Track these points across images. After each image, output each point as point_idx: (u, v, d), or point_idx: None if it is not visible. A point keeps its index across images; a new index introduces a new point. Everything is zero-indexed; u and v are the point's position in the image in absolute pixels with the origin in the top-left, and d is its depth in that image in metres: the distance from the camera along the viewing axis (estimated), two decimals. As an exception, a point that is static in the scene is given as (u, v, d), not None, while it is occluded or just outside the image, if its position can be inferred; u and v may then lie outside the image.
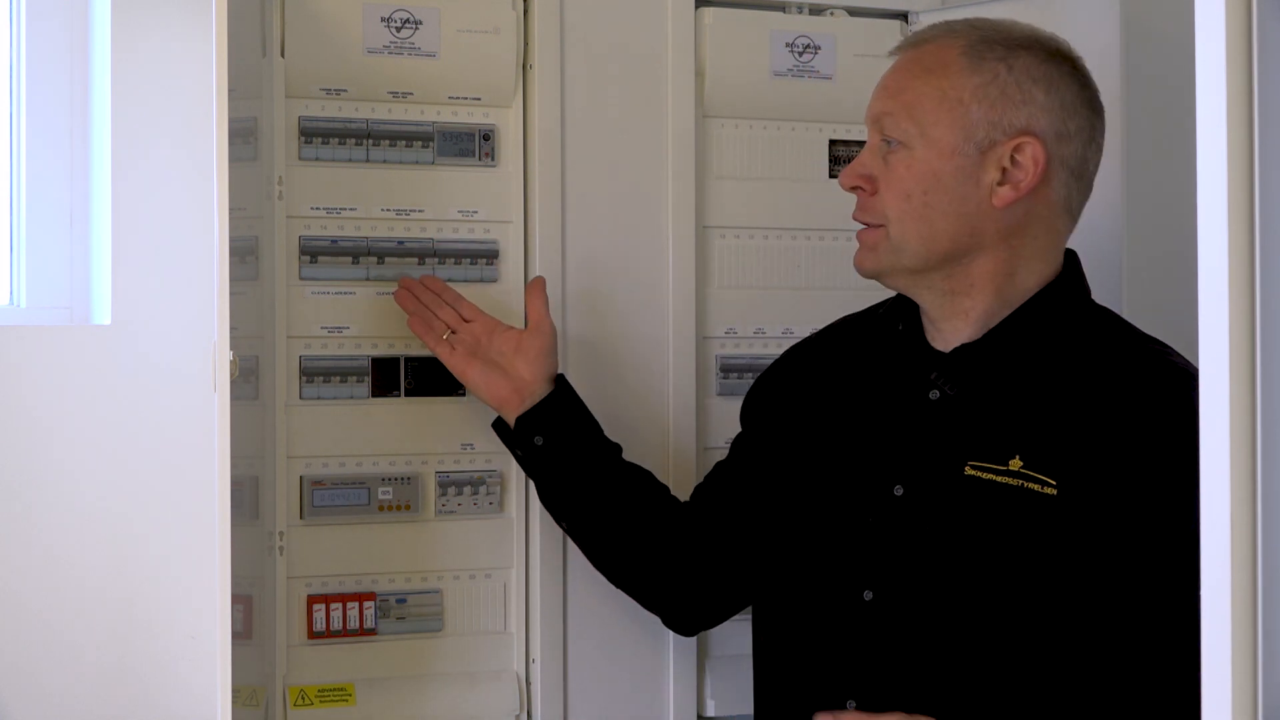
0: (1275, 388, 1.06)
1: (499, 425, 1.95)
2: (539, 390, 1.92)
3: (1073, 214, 1.74)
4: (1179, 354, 1.70)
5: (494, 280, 2.02)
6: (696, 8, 2.11)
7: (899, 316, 1.79)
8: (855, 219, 1.74)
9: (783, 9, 2.16)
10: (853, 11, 2.17)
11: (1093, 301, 1.76)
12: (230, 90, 1.62)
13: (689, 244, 2.09)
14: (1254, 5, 1.06)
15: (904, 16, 2.20)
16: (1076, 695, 1.62)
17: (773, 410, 1.89)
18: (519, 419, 1.91)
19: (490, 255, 2.02)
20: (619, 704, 2.05)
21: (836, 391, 1.81)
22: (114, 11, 1.65)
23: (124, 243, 1.65)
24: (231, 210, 1.63)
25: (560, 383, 1.93)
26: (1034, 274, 1.72)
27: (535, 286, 1.97)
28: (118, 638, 1.61)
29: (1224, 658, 1.06)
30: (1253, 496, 1.06)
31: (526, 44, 2.03)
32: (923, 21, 2.18)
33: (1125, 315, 2.01)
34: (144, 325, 1.65)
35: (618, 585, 1.97)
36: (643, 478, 1.95)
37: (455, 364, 1.93)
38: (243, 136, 1.92)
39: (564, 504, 1.93)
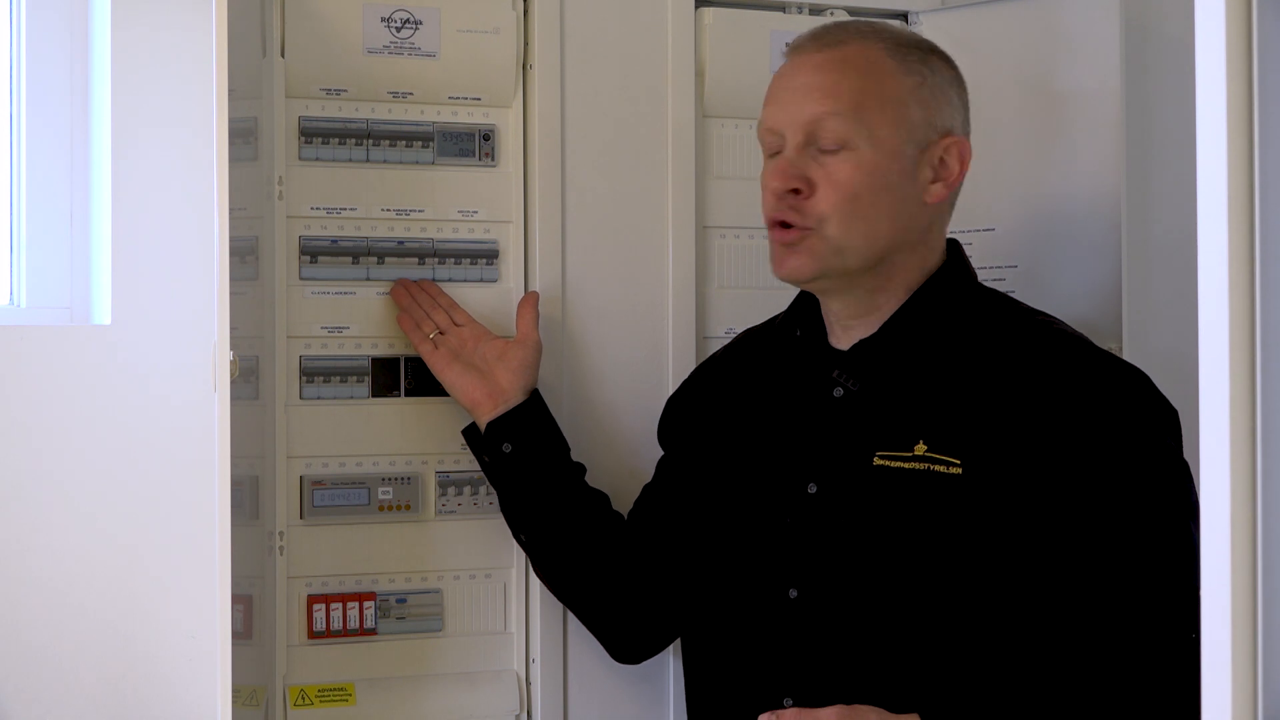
0: (1275, 388, 1.06)
1: (469, 432, 1.95)
2: (514, 399, 1.92)
3: (954, 206, 1.81)
4: (1066, 324, 1.77)
5: (494, 280, 2.02)
6: (696, 8, 2.11)
7: (796, 323, 1.82)
8: (786, 221, 1.72)
9: (783, 9, 2.16)
10: (852, 11, 2.17)
11: (980, 285, 1.81)
12: (230, 90, 1.62)
13: (689, 244, 2.09)
14: (1254, 5, 1.06)
15: (904, 16, 2.20)
16: (1003, 667, 1.64)
17: (686, 428, 1.92)
18: (490, 424, 1.92)
19: (490, 255, 2.02)
20: (619, 704, 2.05)
21: (745, 401, 1.84)
22: (114, 11, 1.65)
23: (124, 243, 1.65)
24: (231, 210, 1.63)
25: (535, 396, 1.94)
26: (931, 266, 1.77)
27: (527, 301, 1.98)
28: (118, 637, 1.61)
29: (1224, 658, 1.06)
30: (1253, 496, 1.06)
31: (526, 44, 2.03)
32: (923, 21, 2.18)
33: (1125, 314, 2.02)
34: (144, 325, 1.65)
35: (566, 605, 1.98)
36: (600, 503, 1.96)
37: (435, 362, 1.94)
38: (243, 136, 1.92)
39: (524, 517, 1.94)
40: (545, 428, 1.94)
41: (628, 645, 1.97)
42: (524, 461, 1.91)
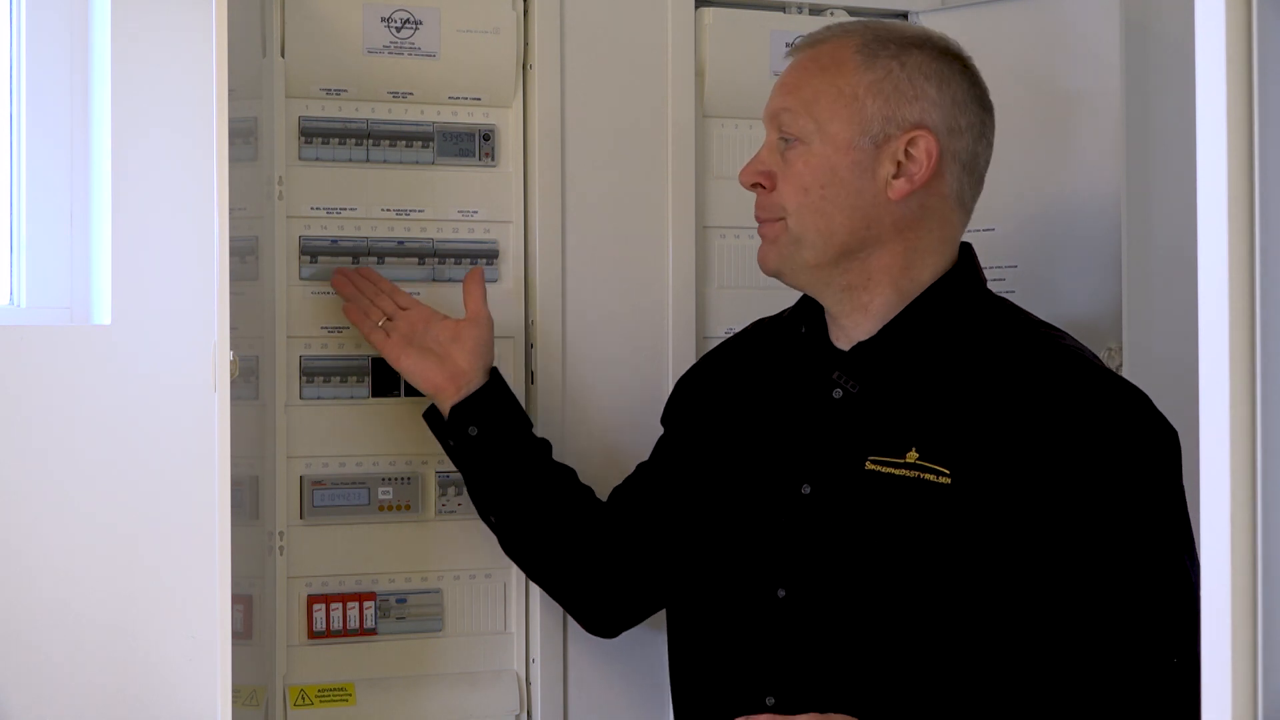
0: (1275, 388, 1.06)
1: (431, 416, 1.93)
2: (475, 380, 1.90)
3: (965, 207, 1.78)
4: (1072, 337, 1.76)
5: (494, 280, 2.02)
6: (696, 8, 2.11)
7: (802, 319, 1.83)
8: (756, 216, 1.78)
9: (783, 9, 2.16)
10: (853, 11, 2.17)
11: (989, 292, 1.80)
12: (230, 90, 1.62)
13: (689, 244, 2.09)
14: (1254, 5, 1.06)
15: (903, 16, 2.20)
16: (986, 678, 1.64)
17: (691, 412, 1.91)
18: (454, 408, 1.90)
19: (490, 255, 2.02)
20: (619, 704, 2.05)
21: (749, 395, 1.84)
22: (114, 11, 1.65)
23: (124, 243, 1.65)
24: (231, 210, 1.63)
25: (495, 375, 1.93)
26: (929, 267, 1.76)
27: (473, 278, 1.95)
28: (118, 637, 1.61)
29: (1224, 658, 1.06)
30: (1253, 497, 1.06)
31: (526, 44, 2.03)
32: (922, 21, 2.18)
33: (1125, 315, 2.02)
34: (144, 325, 1.65)
35: (537, 582, 1.98)
36: (568, 477, 1.95)
37: (389, 350, 1.91)
38: (243, 136, 1.92)
39: (492, 498, 1.92)
40: (508, 407, 1.93)
41: (602, 618, 1.97)
42: (490, 443, 1.90)
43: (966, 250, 1.79)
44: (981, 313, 1.76)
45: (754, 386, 1.84)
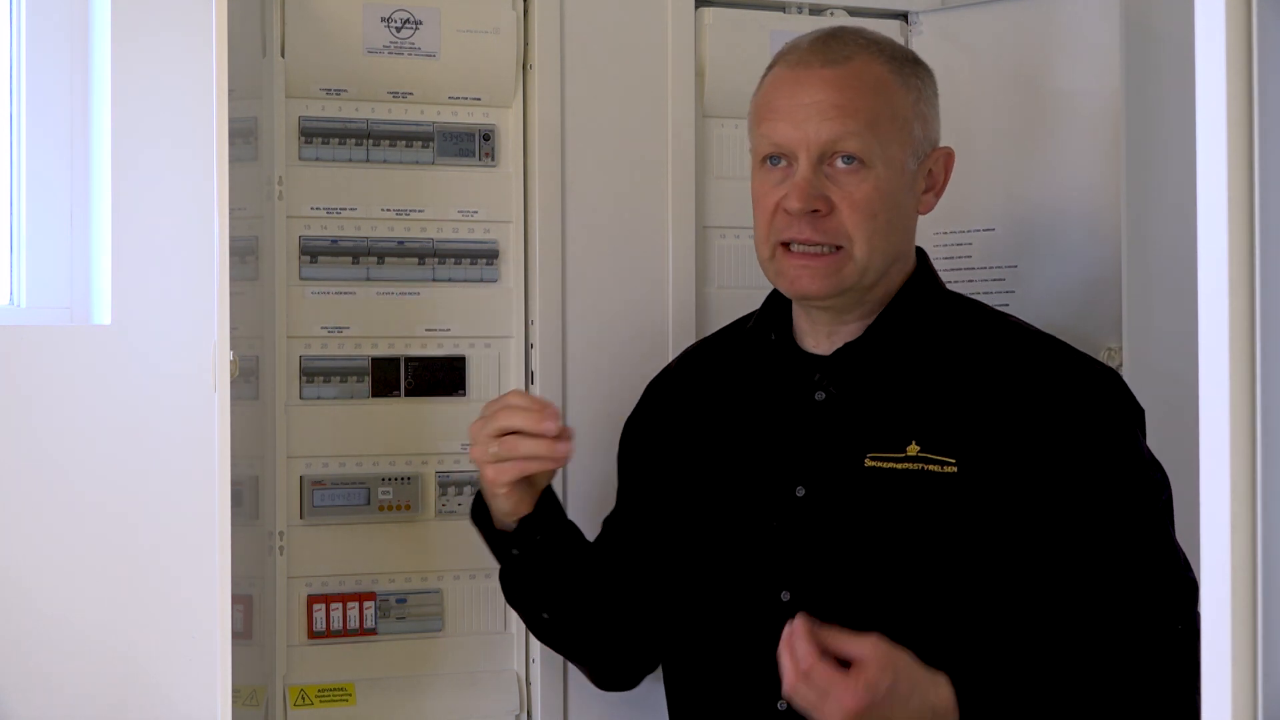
0: (1275, 388, 1.06)
1: (479, 520, 1.85)
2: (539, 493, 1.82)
3: None
4: (1035, 326, 1.80)
5: (494, 280, 2.02)
6: (696, 8, 2.11)
7: (769, 327, 1.82)
8: (809, 240, 1.70)
9: (783, 9, 2.16)
10: (853, 12, 2.17)
11: (949, 290, 1.83)
12: (230, 90, 1.62)
13: (689, 244, 2.09)
14: (1254, 5, 1.06)
15: (904, 16, 2.20)
16: (999, 660, 1.65)
17: (651, 448, 1.89)
18: (523, 519, 1.81)
19: (490, 255, 2.02)
20: (619, 704, 2.05)
21: (716, 410, 1.83)
22: (114, 11, 1.65)
23: (124, 243, 1.65)
24: (231, 210, 1.63)
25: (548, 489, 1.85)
26: (907, 271, 1.79)
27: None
28: (118, 637, 1.61)
29: (1224, 657, 1.06)
30: (1253, 496, 1.06)
31: (526, 44, 2.03)
32: (923, 21, 2.18)
33: (1125, 314, 2.02)
34: (144, 325, 1.65)
35: (562, 652, 1.94)
36: (594, 549, 1.91)
37: (491, 475, 1.76)
38: (243, 136, 1.92)
39: (549, 596, 1.86)
40: (559, 509, 1.88)
41: (621, 674, 1.95)
42: (552, 545, 1.84)
43: (922, 253, 1.82)
44: (951, 308, 1.79)
45: (722, 402, 1.83)
